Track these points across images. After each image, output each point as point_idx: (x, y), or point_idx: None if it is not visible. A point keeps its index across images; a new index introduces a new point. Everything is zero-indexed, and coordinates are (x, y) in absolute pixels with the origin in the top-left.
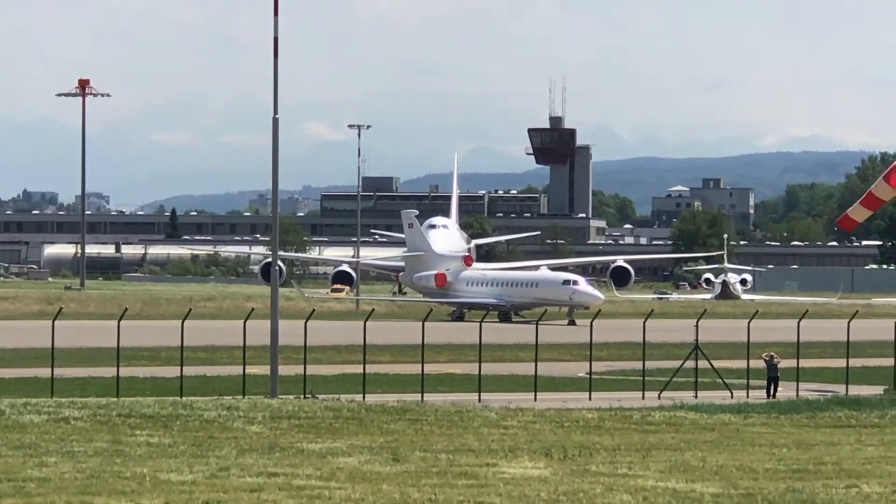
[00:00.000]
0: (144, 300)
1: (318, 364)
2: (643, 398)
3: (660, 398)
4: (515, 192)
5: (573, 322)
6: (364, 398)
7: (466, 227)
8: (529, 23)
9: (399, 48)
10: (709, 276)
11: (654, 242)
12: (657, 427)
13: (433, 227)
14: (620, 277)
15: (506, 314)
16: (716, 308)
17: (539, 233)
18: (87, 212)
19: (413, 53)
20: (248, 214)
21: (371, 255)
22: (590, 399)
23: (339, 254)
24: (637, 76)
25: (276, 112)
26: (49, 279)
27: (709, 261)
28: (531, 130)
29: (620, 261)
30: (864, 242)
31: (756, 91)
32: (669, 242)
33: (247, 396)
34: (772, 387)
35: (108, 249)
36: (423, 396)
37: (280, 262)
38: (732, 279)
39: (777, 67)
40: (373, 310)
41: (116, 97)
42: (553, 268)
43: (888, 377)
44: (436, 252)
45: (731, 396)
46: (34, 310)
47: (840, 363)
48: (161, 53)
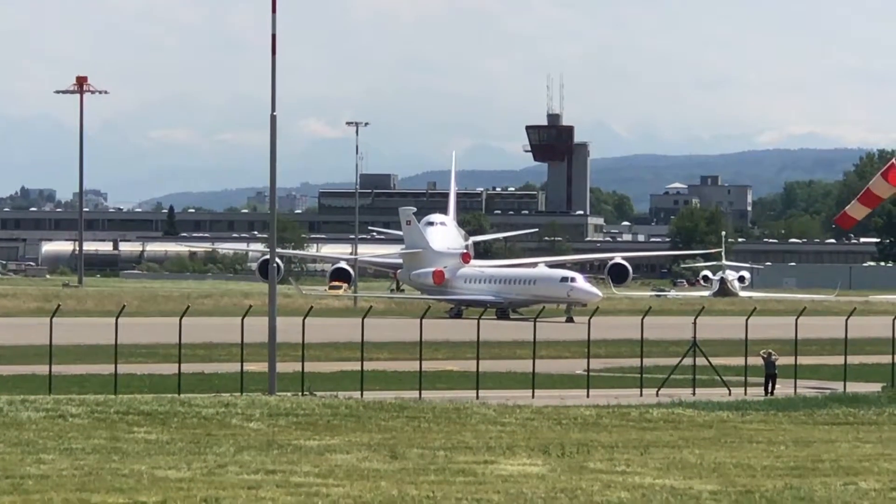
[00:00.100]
0: (142, 297)
1: (316, 361)
2: (641, 395)
3: (658, 395)
4: (513, 190)
5: (571, 319)
6: (362, 395)
7: (464, 225)
8: (527, 20)
9: (397, 46)
10: (707, 274)
11: (652, 240)
12: (655, 424)
13: (431, 225)
14: (618, 275)
15: (504, 311)
16: (714, 305)
17: (537, 230)
18: (85, 209)
19: (411, 51)
20: (246, 212)
21: (369, 253)
22: (588, 396)
23: (337, 251)
24: (635, 73)
25: (274, 109)
26: (47, 276)
27: (707, 258)
28: (529, 128)
29: (618, 258)
30: (862, 240)
31: (754, 88)
32: (667, 240)
33: (245, 393)
34: (770, 384)
35: (106, 247)
36: (421, 393)
37: (278, 260)
38: (730, 276)
39: (775, 65)
40: (371, 307)
41: (114, 94)
42: (551, 265)
43: (886, 374)
44: (434, 249)
45: (729, 394)
46: (32, 307)
47: (838, 360)
48: (159, 50)
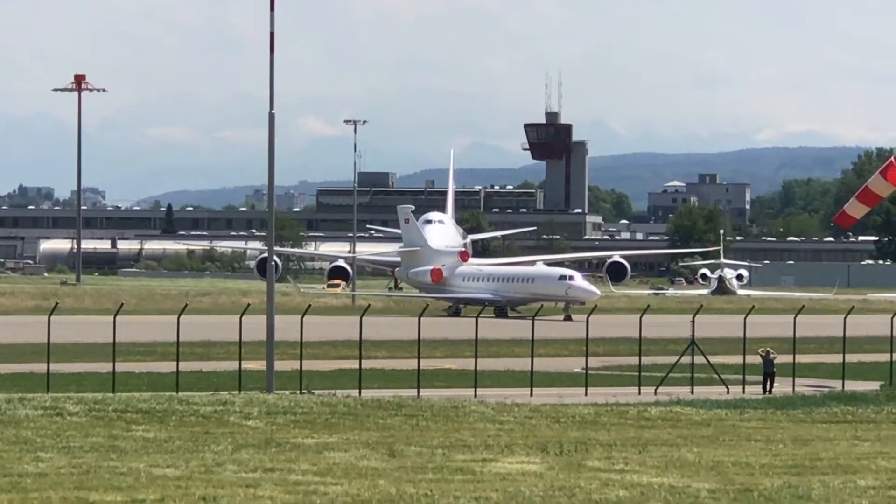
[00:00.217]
0: (140, 295)
1: (315, 359)
2: (639, 394)
3: (656, 394)
4: (511, 188)
5: (569, 317)
6: (360, 393)
7: (462, 223)
8: (525, 19)
9: (395, 44)
10: (705, 272)
11: (651, 238)
12: (653, 423)
13: (429, 223)
14: (616, 273)
15: (502, 309)
16: (712, 303)
17: (535, 228)
18: (83, 207)
19: (409, 49)
20: (245, 210)
21: (367, 251)
22: (586, 394)
23: (336, 249)
24: (633, 71)
25: (273, 107)
26: (45, 274)
27: (705, 256)
28: (527, 126)
29: (617, 256)
30: (861, 238)
31: (752, 86)
32: (666, 238)
33: (243, 392)
34: (768, 382)
35: (104, 245)
36: (420, 392)
37: (276, 258)
38: (728, 275)
39: (773, 63)
40: (369, 305)
41: (112, 92)
42: (549, 263)
43: (884, 373)
44: (432, 247)
45: (728, 392)
46: (30, 305)
47: (836, 359)
48: (158, 48)
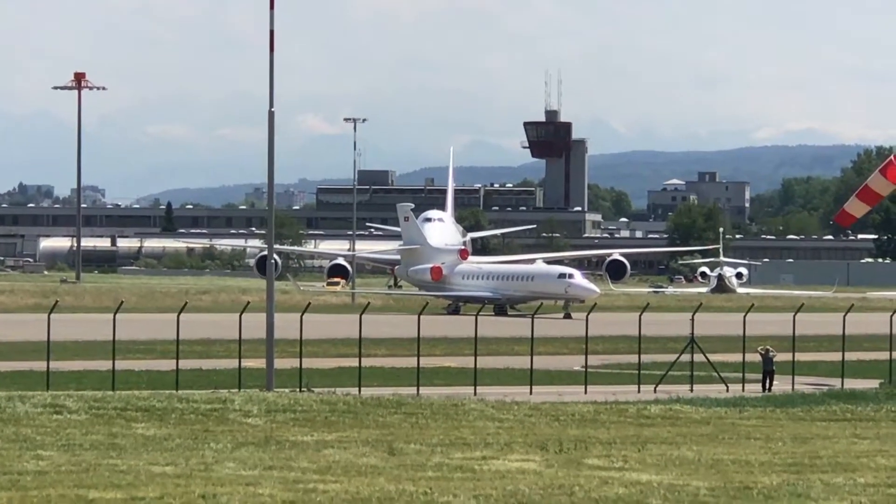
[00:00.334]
0: (140, 293)
1: (314, 357)
2: (639, 392)
3: (655, 392)
4: (511, 186)
5: (569, 316)
6: (360, 391)
7: (462, 221)
8: (525, 17)
9: (395, 43)
10: (704, 270)
11: (650, 236)
12: (653, 421)
13: (429, 221)
14: (616, 271)
15: (501, 308)
16: (711, 302)
17: (535, 226)
18: (83, 205)
19: (409, 48)
20: (244, 208)
21: (367, 249)
22: (585, 393)
23: (335, 247)
24: (633, 70)
25: (273, 105)
26: (45, 272)
27: (704, 254)
28: (527, 124)
29: (616, 254)
30: (860, 236)
31: (752, 85)
32: (665, 236)
33: (242, 390)
34: (767, 380)
35: (104, 243)
36: (419, 390)
37: (276, 256)
38: (728, 273)
39: (773, 61)
40: (368, 303)
41: (112, 90)
42: (549, 261)
43: (884, 371)
44: (431, 245)
45: (727, 390)
46: (30, 303)
47: (836, 357)
48: (157, 47)
